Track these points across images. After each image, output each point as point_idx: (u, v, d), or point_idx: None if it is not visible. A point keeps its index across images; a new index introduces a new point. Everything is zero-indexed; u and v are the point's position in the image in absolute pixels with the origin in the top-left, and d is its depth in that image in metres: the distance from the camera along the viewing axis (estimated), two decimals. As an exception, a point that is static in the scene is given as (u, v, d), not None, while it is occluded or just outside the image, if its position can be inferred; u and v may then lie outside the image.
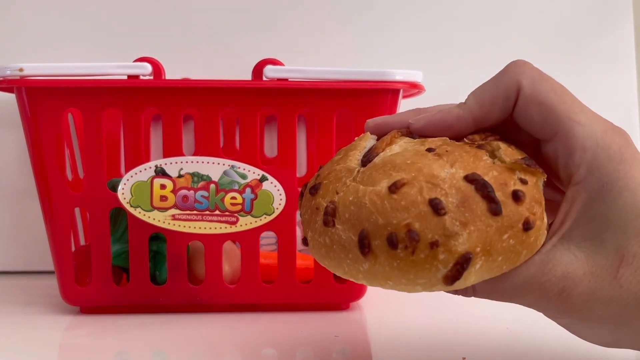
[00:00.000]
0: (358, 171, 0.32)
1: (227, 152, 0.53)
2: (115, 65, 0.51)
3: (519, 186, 0.30)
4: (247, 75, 0.53)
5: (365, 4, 0.71)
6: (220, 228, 0.52)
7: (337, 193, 0.32)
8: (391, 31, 0.71)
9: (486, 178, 0.30)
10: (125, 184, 0.51)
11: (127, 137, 0.51)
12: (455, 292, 0.33)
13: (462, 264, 0.29)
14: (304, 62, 0.56)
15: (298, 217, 0.54)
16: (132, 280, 0.53)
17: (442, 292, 0.35)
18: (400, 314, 0.55)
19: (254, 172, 0.52)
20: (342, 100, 0.51)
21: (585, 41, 0.72)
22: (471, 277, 0.29)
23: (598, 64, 0.73)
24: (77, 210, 0.60)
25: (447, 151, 0.31)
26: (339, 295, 0.55)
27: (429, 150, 0.32)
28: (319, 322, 0.52)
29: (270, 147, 0.66)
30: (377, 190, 0.30)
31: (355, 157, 0.34)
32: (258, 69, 0.52)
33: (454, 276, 0.29)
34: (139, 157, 0.51)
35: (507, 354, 0.43)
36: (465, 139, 0.33)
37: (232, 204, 0.52)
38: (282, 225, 0.53)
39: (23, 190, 0.68)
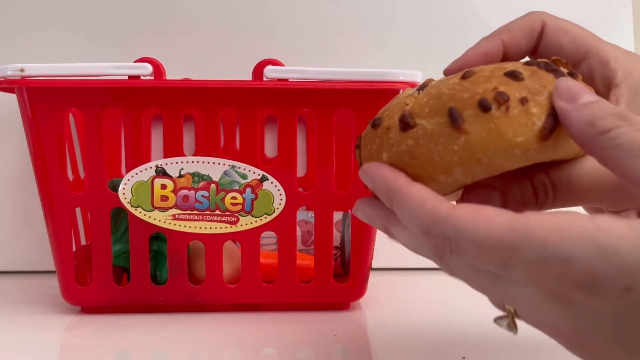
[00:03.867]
0: (418, 92, 0.34)
1: (228, 152, 0.53)
2: (116, 65, 0.51)
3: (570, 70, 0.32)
4: (247, 75, 0.53)
5: (366, 5, 0.71)
6: (221, 228, 0.52)
7: (407, 105, 0.33)
8: (391, 31, 0.71)
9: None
10: (125, 183, 0.51)
11: (128, 137, 0.51)
12: (536, 193, 0.33)
13: (554, 115, 0.30)
14: (304, 62, 0.56)
15: (298, 217, 0.54)
16: (133, 280, 0.53)
17: (441, 293, 0.35)
18: (400, 314, 0.55)
19: (254, 172, 0.52)
20: (342, 100, 0.51)
21: (585, 41, 0.72)
22: (562, 136, 0.30)
23: (598, 64, 0.73)
24: (78, 210, 0.60)
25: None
26: (339, 295, 0.55)
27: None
28: (319, 322, 0.52)
29: (271, 147, 0.66)
30: (451, 81, 0.32)
31: (407, 92, 0.35)
32: (258, 69, 0.52)
33: (550, 127, 0.30)
34: (139, 157, 0.52)
35: (507, 353, 0.44)
36: None
37: (233, 204, 0.52)
38: (282, 225, 0.53)
39: (24, 190, 0.68)
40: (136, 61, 0.52)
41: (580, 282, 0.25)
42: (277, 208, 0.52)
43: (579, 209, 0.33)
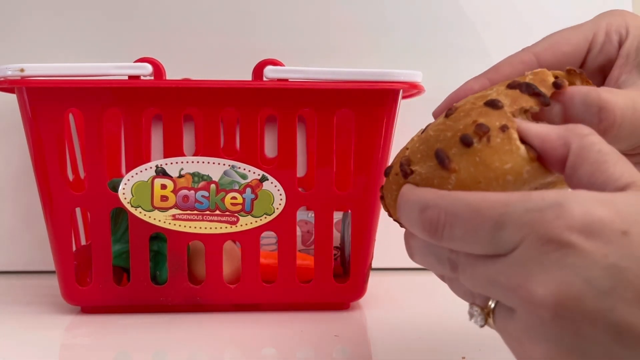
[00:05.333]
0: (421, 133, 0.35)
1: (228, 152, 0.53)
2: (116, 65, 0.51)
3: (559, 80, 0.33)
4: (247, 75, 0.53)
5: (366, 4, 0.71)
6: (221, 228, 0.52)
7: (407, 149, 0.34)
8: (391, 31, 0.71)
9: (526, 80, 0.33)
10: (125, 183, 0.51)
11: (128, 137, 0.51)
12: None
13: None
14: (304, 62, 0.56)
15: (298, 217, 0.54)
16: (133, 280, 0.53)
17: (441, 293, 0.35)
18: (400, 314, 0.55)
19: (254, 172, 0.52)
20: (342, 100, 0.51)
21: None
22: None
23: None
24: (78, 210, 0.60)
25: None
26: (339, 295, 0.55)
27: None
28: (319, 322, 0.52)
29: (271, 147, 0.66)
30: (437, 121, 0.33)
31: (419, 132, 0.37)
32: (258, 69, 0.52)
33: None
34: (139, 157, 0.52)
35: (507, 353, 0.43)
36: None
37: (233, 204, 0.52)
38: (282, 225, 0.53)
39: (24, 190, 0.68)
40: (136, 61, 0.52)
41: (577, 224, 0.25)
42: (277, 208, 0.52)
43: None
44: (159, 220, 0.52)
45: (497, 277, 0.27)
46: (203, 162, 0.52)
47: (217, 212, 0.52)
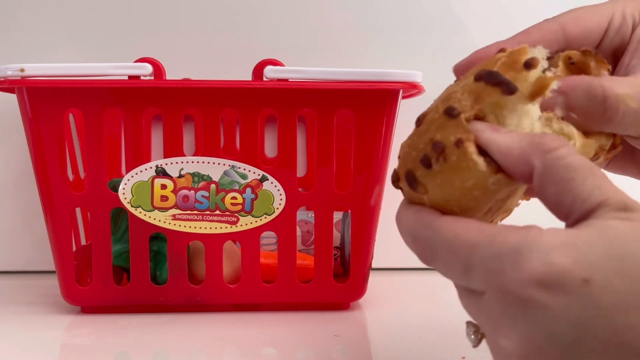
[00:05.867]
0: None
1: (228, 152, 0.53)
2: (116, 65, 0.51)
3: (530, 57, 0.30)
4: (247, 76, 0.53)
5: (366, 5, 0.71)
6: (221, 228, 0.52)
7: (399, 157, 0.34)
8: (391, 31, 0.71)
9: (495, 68, 0.30)
10: (126, 184, 0.51)
11: (128, 137, 0.51)
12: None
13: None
14: (304, 62, 0.56)
15: (298, 217, 0.54)
16: (133, 280, 0.53)
17: (441, 293, 0.35)
18: (400, 314, 0.55)
19: (254, 172, 0.52)
20: (342, 100, 0.51)
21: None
22: None
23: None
24: (78, 210, 0.60)
25: (467, 72, 0.32)
26: (339, 295, 0.55)
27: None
28: (319, 322, 0.52)
29: (271, 147, 0.66)
30: (410, 135, 0.32)
31: None
32: (258, 69, 0.52)
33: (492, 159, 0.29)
34: (139, 157, 0.52)
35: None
36: None
37: (233, 204, 0.52)
38: (282, 225, 0.53)
39: (24, 190, 0.68)
40: (136, 61, 0.52)
41: (536, 277, 0.24)
42: (277, 208, 0.52)
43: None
44: (159, 220, 0.52)
45: (477, 313, 0.28)
46: (203, 162, 0.52)
47: (217, 212, 0.52)
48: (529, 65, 0.29)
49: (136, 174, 0.51)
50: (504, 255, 0.25)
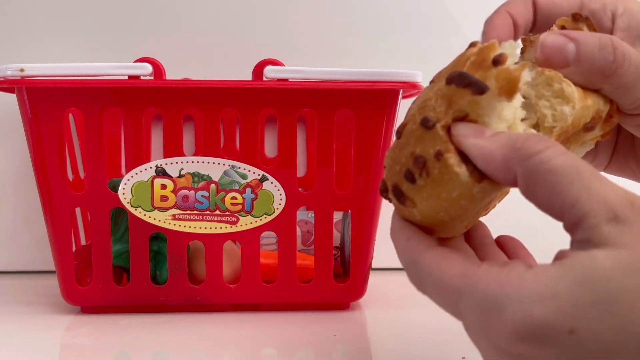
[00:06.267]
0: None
1: (228, 152, 0.53)
2: (115, 65, 0.51)
3: (498, 54, 0.28)
4: (247, 76, 0.53)
5: (366, 5, 0.71)
6: (221, 228, 0.52)
7: (383, 167, 0.34)
8: (391, 31, 0.71)
9: (464, 68, 0.29)
10: (125, 184, 0.51)
11: (128, 137, 0.51)
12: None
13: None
14: (304, 62, 0.56)
15: (298, 217, 0.54)
16: (133, 280, 0.53)
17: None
18: (400, 314, 0.55)
19: (254, 172, 0.52)
20: (342, 100, 0.51)
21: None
22: None
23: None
24: (77, 210, 0.60)
25: (440, 73, 0.32)
26: (339, 295, 0.55)
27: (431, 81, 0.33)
28: (319, 322, 0.52)
29: (271, 147, 0.66)
30: (392, 145, 0.32)
31: None
32: (258, 69, 0.52)
33: (474, 166, 0.28)
34: (139, 157, 0.52)
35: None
36: None
37: (233, 204, 0.52)
38: (282, 225, 0.53)
39: (24, 190, 0.68)
40: (136, 61, 0.52)
41: (522, 332, 0.24)
42: (277, 208, 0.52)
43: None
44: (159, 220, 0.52)
45: (474, 340, 0.28)
46: (203, 162, 0.52)
47: (217, 212, 0.52)
48: (497, 62, 0.28)
49: (136, 174, 0.51)
50: (487, 308, 0.25)
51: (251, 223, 0.52)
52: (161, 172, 0.52)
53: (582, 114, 0.32)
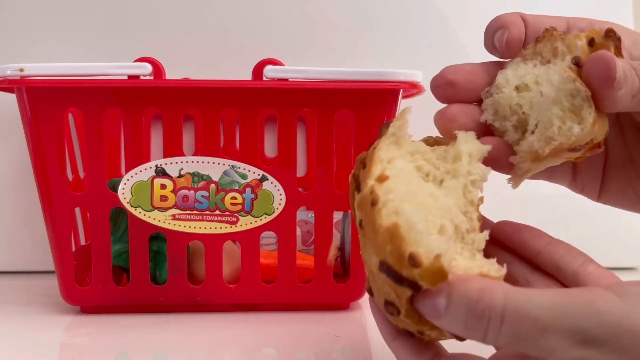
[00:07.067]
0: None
1: (228, 152, 0.53)
2: (115, 65, 0.51)
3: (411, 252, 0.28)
4: (247, 75, 0.53)
5: (366, 4, 0.71)
6: (221, 228, 0.52)
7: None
8: (391, 31, 0.71)
9: (386, 257, 0.29)
10: (125, 183, 0.51)
11: (128, 137, 0.51)
12: None
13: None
14: (304, 62, 0.55)
15: (298, 217, 0.54)
16: (133, 280, 0.53)
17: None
18: (400, 313, 0.55)
19: (254, 172, 0.52)
20: (342, 100, 0.51)
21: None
22: None
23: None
24: (77, 210, 0.60)
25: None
26: (339, 295, 0.55)
27: None
28: (319, 322, 0.52)
29: (271, 147, 0.66)
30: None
31: None
32: (258, 69, 0.52)
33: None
34: (139, 157, 0.52)
35: (507, 353, 0.43)
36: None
37: (232, 204, 0.52)
38: (282, 225, 0.53)
39: (24, 190, 0.68)
40: (136, 61, 0.52)
41: None
42: (277, 208, 0.52)
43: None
44: (159, 220, 0.52)
45: None
46: (203, 162, 0.52)
47: (217, 212, 0.52)
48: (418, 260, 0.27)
49: (136, 173, 0.51)
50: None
51: (251, 223, 0.52)
52: (161, 172, 0.52)
53: (583, 137, 0.32)
